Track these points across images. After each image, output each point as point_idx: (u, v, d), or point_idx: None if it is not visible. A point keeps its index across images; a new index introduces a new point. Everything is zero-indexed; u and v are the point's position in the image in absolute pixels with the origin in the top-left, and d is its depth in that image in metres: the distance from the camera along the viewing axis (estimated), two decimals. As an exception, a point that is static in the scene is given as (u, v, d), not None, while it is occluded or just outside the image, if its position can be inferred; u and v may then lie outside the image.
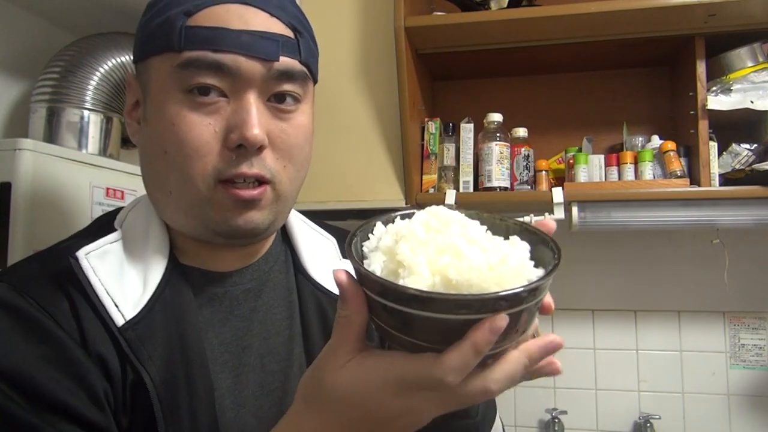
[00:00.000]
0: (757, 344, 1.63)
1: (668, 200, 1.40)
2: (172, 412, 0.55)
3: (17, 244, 0.88)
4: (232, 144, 0.57)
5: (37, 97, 1.09)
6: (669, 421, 1.64)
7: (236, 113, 0.57)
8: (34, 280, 0.57)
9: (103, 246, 0.60)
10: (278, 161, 0.60)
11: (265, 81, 0.58)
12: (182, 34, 0.56)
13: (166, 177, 0.60)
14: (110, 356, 0.55)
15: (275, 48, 0.58)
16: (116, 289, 0.57)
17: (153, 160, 0.61)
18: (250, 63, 0.57)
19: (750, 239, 1.63)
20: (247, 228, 0.60)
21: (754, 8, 1.30)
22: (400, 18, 1.38)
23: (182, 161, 0.57)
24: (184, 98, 0.57)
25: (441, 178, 1.54)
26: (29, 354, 0.53)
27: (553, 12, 1.34)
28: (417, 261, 0.42)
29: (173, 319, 0.59)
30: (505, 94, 1.72)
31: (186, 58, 0.56)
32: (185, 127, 0.57)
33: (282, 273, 0.72)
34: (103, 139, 1.13)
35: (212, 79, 0.56)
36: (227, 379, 0.63)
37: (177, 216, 0.62)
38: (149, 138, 0.60)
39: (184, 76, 0.56)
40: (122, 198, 1.09)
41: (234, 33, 0.56)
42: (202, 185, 0.58)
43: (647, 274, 1.70)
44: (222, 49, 0.56)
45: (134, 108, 0.64)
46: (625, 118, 1.61)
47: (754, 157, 1.40)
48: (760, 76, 1.36)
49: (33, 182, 0.91)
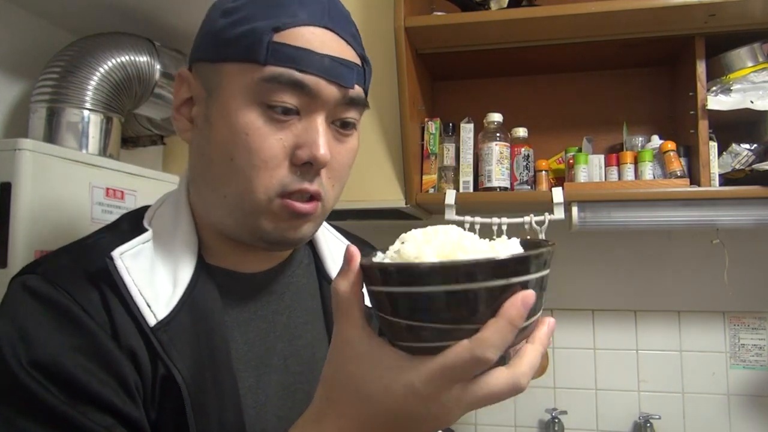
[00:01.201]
0: (757, 344, 1.63)
1: (668, 200, 1.40)
2: (201, 410, 0.57)
3: (17, 244, 0.88)
4: (298, 161, 0.59)
5: (37, 97, 1.09)
6: (669, 421, 1.64)
7: (307, 132, 0.59)
8: (67, 273, 0.59)
9: (137, 246, 0.61)
10: (329, 180, 0.63)
11: (336, 105, 0.61)
12: (269, 48, 0.57)
13: (226, 182, 0.61)
14: (141, 351, 0.57)
15: (352, 76, 0.61)
16: (148, 289, 0.59)
17: (214, 163, 0.61)
18: (329, 87, 0.59)
19: (750, 239, 1.63)
20: (295, 238, 0.63)
21: (754, 8, 1.30)
22: (400, 18, 1.38)
23: (249, 171, 0.59)
24: (262, 111, 0.59)
25: (441, 178, 1.54)
26: (63, 345, 0.54)
27: (553, 12, 1.34)
28: (425, 251, 0.43)
29: (201, 319, 0.61)
30: (505, 94, 1.72)
31: (270, 73, 0.57)
32: (259, 138, 0.58)
33: (305, 277, 0.74)
34: (103, 139, 1.13)
35: (293, 97, 0.58)
36: (250, 378, 0.64)
37: (225, 219, 0.63)
38: (211, 141, 0.61)
39: (265, 90, 0.58)
40: (122, 198, 1.09)
41: (318, 56, 0.58)
42: (264, 196, 0.60)
43: (647, 274, 1.70)
44: (306, 70, 0.58)
45: (185, 104, 0.65)
46: (625, 118, 1.61)
47: (754, 157, 1.40)
48: (760, 76, 1.36)
49: (33, 182, 0.91)
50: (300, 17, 0.59)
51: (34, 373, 0.52)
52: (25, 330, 0.55)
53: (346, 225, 0.91)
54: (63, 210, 0.96)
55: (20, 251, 0.88)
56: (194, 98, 0.64)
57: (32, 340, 0.54)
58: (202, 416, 0.57)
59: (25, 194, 0.89)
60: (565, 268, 1.74)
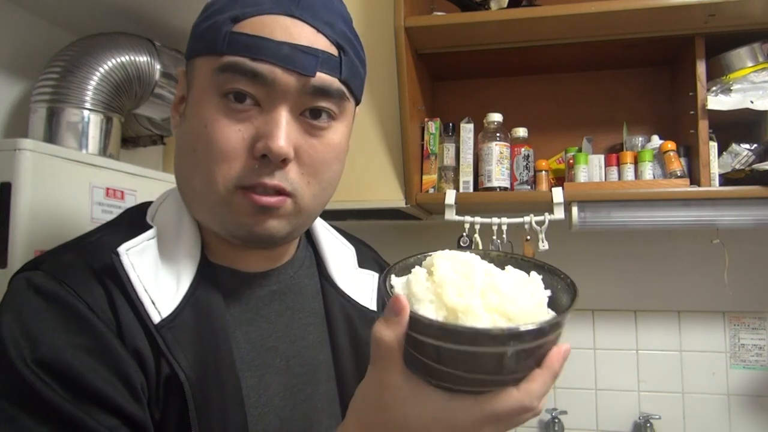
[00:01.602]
0: (757, 344, 1.63)
1: (668, 200, 1.40)
2: (204, 410, 0.57)
3: (17, 244, 0.88)
4: (257, 153, 0.58)
5: (37, 97, 1.09)
6: (669, 421, 1.64)
7: (266, 123, 0.58)
8: (71, 270, 0.58)
9: (142, 243, 0.61)
10: (302, 176, 0.61)
11: (300, 95, 0.59)
12: (226, 38, 0.57)
13: (192, 175, 0.61)
14: (145, 350, 0.56)
15: (313, 63, 0.58)
16: (153, 287, 0.59)
17: (184, 156, 0.62)
18: (286, 75, 0.57)
19: (750, 239, 1.63)
20: (263, 234, 0.61)
21: (754, 8, 1.30)
22: (400, 18, 1.38)
23: (208, 162, 0.58)
24: (219, 102, 0.58)
25: (441, 178, 1.54)
26: (69, 343, 0.54)
27: (553, 12, 1.34)
28: (472, 304, 0.45)
29: (204, 317, 0.60)
30: (505, 94, 1.72)
31: (225, 62, 0.57)
32: (217, 130, 0.58)
33: (307, 278, 0.74)
34: (103, 139, 1.13)
35: (248, 86, 0.57)
36: (252, 377, 0.64)
37: (200, 213, 0.64)
38: (184, 134, 0.62)
39: (221, 80, 0.57)
40: (122, 198, 1.09)
41: (275, 44, 0.57)
42: (223, 188, 0.59)
43: (647, 274, 1.70)
44: (260, 58, 0.56)
45: (180, 102, 0.66)
46: (625, 118, 1.61)
47: (754, 157, 1.40)
48: (760, 76, 1.36)
49: (33, 182, 0.91)
50: (263, 6, 0.58)
51: (38, 371, 0.52)
52: (29, 328, 0.54)
53: (346, 225, 0.91)
54: (63, 210, 0.96)
55: (20, 251, 0.88)
56: (184, 95, 0.65)
57: (37, 338, 0.53)
58: (205, 415, 0.57)
59: (25, 194, 0.89)
60: (565, 268, 1.73)
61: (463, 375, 0.45)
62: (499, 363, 0.44)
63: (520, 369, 0.45)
